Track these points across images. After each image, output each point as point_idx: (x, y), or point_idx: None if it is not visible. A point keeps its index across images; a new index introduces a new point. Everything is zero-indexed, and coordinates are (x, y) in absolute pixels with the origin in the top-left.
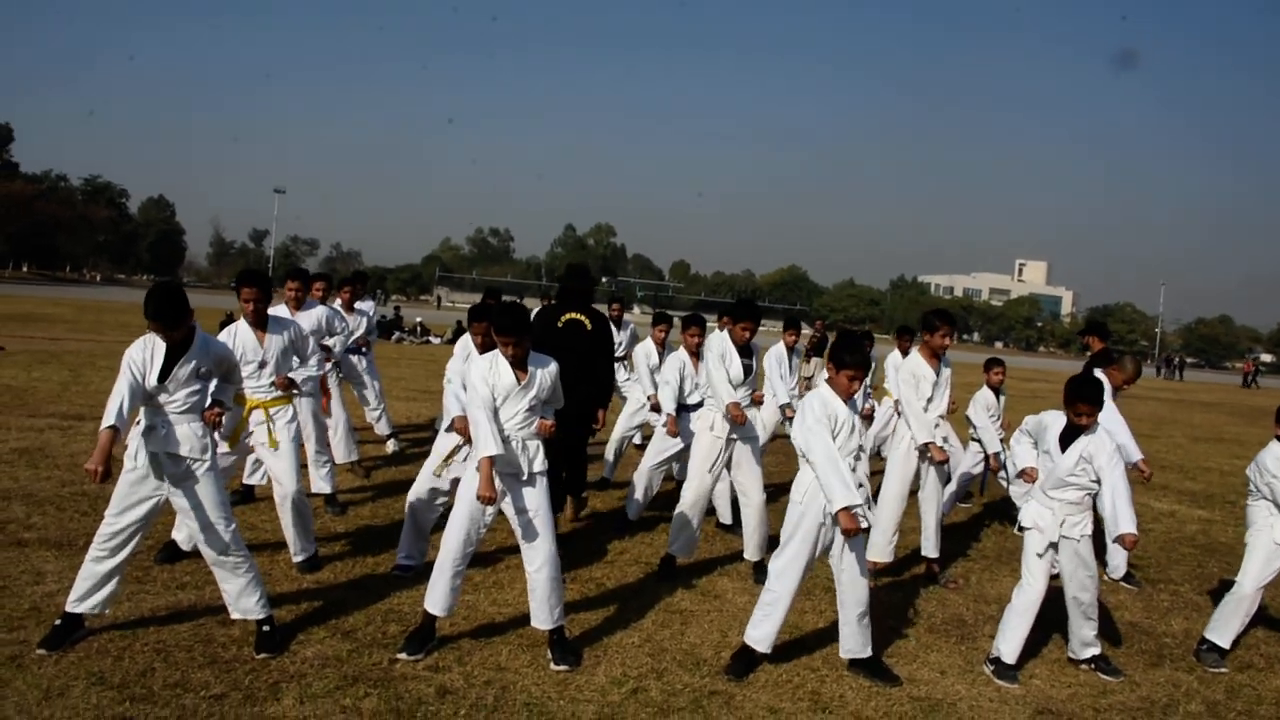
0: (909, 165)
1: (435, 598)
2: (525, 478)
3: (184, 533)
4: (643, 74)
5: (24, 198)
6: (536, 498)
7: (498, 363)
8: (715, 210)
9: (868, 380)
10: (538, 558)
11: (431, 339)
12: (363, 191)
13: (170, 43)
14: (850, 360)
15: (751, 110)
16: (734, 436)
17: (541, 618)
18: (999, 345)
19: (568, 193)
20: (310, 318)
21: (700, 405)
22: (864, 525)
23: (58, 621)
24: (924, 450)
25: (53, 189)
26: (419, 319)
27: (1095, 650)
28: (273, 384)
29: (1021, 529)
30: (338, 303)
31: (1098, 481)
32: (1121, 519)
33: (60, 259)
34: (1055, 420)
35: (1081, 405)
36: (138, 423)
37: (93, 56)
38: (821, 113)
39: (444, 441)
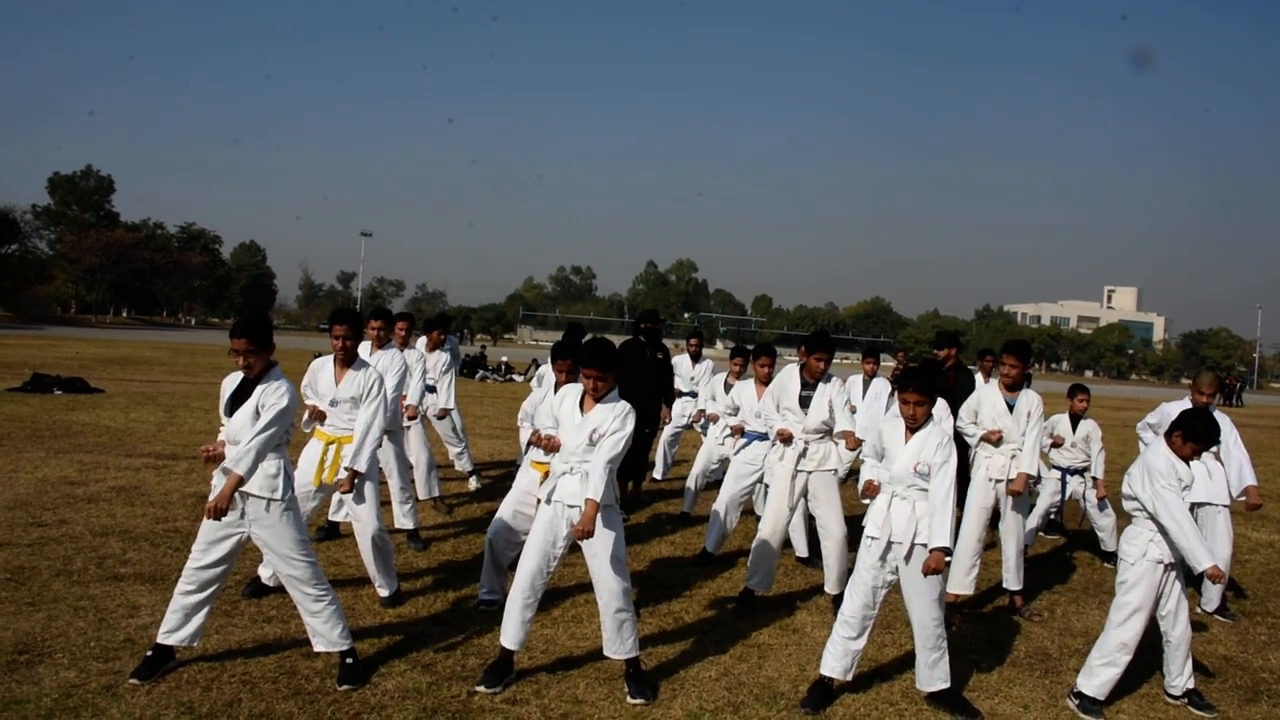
0: (993, 193)
1: (508, 631)
2: None
3: (270, 570)
4: (716, 114)
5: (124, 246)
6: (605, 529)
7: (570, 393)
8: (798, 243)
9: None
10: (608, 589)
11: (515, 377)
12: (448, 232)
13: (255, 94)
14: (913, 385)
15: (832, 141)
16: (809, 470)
17: (615, 648)
18: (1088, 374)
19: (648, 229)
20: (384, 360)
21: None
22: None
23: (149, 653)
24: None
25: (150, 236)
26: (504, 357)
27: (1191, 684)
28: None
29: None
30: (421, 341)
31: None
32: (1203, 554)
33: (157, 304)
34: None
35: (1203, 446)
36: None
37: (196, 110)
38: (902, 141)
39: (525, 475)
